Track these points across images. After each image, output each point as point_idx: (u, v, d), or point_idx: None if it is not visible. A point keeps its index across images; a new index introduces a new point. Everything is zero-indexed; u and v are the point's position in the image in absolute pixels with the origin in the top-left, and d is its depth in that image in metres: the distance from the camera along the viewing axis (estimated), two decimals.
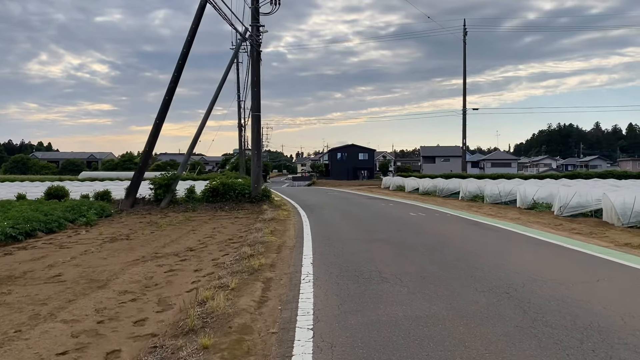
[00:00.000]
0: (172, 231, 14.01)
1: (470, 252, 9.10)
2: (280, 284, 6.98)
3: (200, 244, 11.64)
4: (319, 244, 10.34)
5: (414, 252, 9.20)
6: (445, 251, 9.21)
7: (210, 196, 20.32)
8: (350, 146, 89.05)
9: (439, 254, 8.91)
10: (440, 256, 8.73)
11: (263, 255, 9.02)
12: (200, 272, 8.56)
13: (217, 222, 15.81)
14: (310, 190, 40.66)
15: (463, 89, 43.71)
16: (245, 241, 11.30)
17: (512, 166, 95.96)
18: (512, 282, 6.69)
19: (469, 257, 8.53)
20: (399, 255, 8.90)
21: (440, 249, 9.51)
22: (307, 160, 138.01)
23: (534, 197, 17.91)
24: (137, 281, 8.02)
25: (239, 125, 48.14)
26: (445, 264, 7.99)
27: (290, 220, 15.43)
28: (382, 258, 8.60)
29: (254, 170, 20.54)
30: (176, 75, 20.37)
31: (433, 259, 8.49)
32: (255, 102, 20.17)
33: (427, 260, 8.40)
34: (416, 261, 8.28)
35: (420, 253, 9.05)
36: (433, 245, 9.97)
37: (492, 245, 9.94)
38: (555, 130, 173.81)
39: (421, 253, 9.05)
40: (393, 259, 8.47)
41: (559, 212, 15.24)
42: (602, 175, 36.21)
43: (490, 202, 20.85)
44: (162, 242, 12.07)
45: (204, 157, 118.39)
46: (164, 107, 20.40)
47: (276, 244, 10.46)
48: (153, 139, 20.37)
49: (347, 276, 7.23)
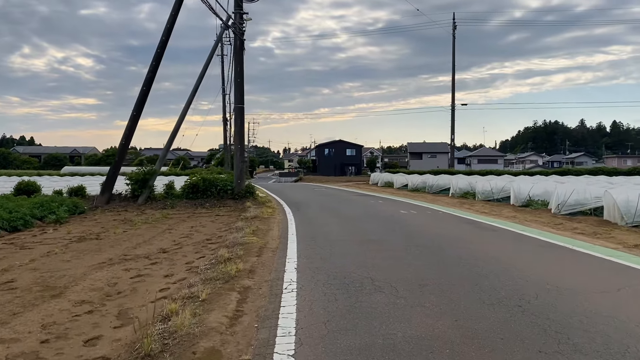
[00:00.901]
0: (146, 230, 13.05)
1: (470, 255, 8.29)
2: (258, 295, 6.09)
3: (174, 245, 10.71)
4: (304, 246, 9.46)
5: (408, 255, 8.36)
6: (443, 254, 8.39)
7: (190, 192, 19.32)
8: (337, 142, 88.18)
9: (437, 258, 8.08)
10: (438, 260, 7.90)
11: (242, 259, 8.12)
12: (171, 278, 7.66)
13: (196, 221, 14.86)
14: (297, 187, 39.77)
15: (452, 84, 43.07)
16: (224, 242, 10.39)
17: (499, 163, 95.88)
18: (523, 292, 5.87)
19: (470, 261, 7.72)
20: (392, 258, 8.05)
21: (437, 251, 8.69)
22: (294, 156, 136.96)
23: (529, 194, 17.20)
24: (98, 288, 7.10)
25: (223, 119, 47.04)
26: (444, 270, 7.16)
27: (274, 218, 14.54)
28: (374, 262, 7.75)
29: (237, 166, 19.57)
30: (154, 65, 19.32)
31: (430, 263, 7.66)
32: (239, 93, 19.19)
33: (424, 264, 7.56)
34: (412, 266, 7.44)
35: (415, 256, 8.21)
36: (429, 246, 9.15)
37: (493, 247, 9.14)
38: (540, 127, 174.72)
39: (416, 256, 8.22)
40: (386, 263, 7.62)
41: (556, 210, 14.53)
42: (592, 172, 35.79)
43: (482, 199, 20.13)
44: (133, 243, 11.12)
45: (189, 152, 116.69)
46: (141, 99, 19.35)
47: (257, 246, 9.56)
48: (130, 132, 19.32)
49: (336, 284, 6.37)
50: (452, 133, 41.62)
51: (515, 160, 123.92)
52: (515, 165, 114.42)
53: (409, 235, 10.70)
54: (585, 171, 36.69)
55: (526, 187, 17.68)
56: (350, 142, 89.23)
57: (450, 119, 41.36)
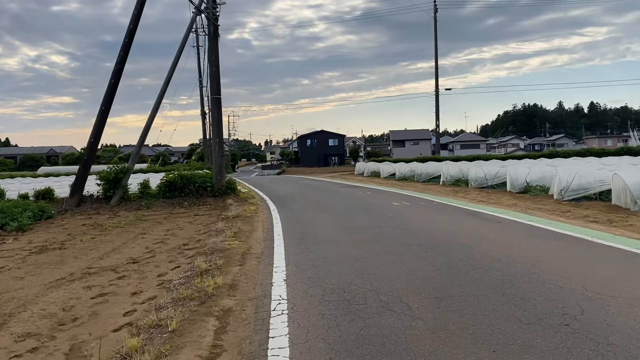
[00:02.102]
0: (117, 235, 11.84)
1: (483, 254, 7.28)
2: (241, 320, 4.99)
3: (147, 253, 9.54)
4: (293, 249, 8.36)
5: (413, 256, 7.31)
6: (452, 254, 7.35)
7: (167, 191, 18.04)
8: (319, 132, 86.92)
9: (445, 259, 7.04)
10: (447, 262, 6.86)
11: (221, 271, 7.00)
12: (139, 297, 6.52)
13: (173, 222, 13.66)
14: (281, 180, 38.57)
15: (435, 67, 42.06)
16: (203, 248, 9.25)
17: (481, 147, 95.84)
18: (562, 303, 4.86)
19: (485, 263, 6.70)
20: (395, 262, 6.99)
21: (443, 250, 7.65)
22: (276, 149, 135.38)
23: (526, 180, 16.30)
24: (50, 315, 5.95)
25: (201, 112, 45.52)
26: (459, 275, 6.12)
27: (258, 216, 13.40)
28: (376, 268, 6.68)
29: (216, 160, 18.33)
30: (122, 56, 17.92)
31: (440, 267, 6.62)
32: (215, 83, 17.90)
33: (433, 268, 6.51)
34: (420, 272, 6.39)
35: (421, 258, 7.16)
36: (433, 245, 8.11)
37: (505, 243, 8.14)
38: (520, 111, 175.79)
39: (422, 258, 7.17)
40: (390, 269, 6.56)
41: (559, 196, 13.63)
42: (580, 153, 35.19)
43: (475, 186, 19.21)
44: (101, 252, 9.93)
45: (169, 147, 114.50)
46: (110, 92, 17.96)
47: (239, 252, 8.43)
48: (99, 129, 17.94)
49: (334, 301, 5.29)
50: (437, 119, 40.73)
51: (497, 144, 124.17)
52: (497, 149, 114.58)
53: (407, 231, 9.66)
54: (572, 153, 36.08)
55: (523, 172, 16.78)
56: (333, 132, 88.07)
57: (435, 104, 40.42)
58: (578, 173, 13.80)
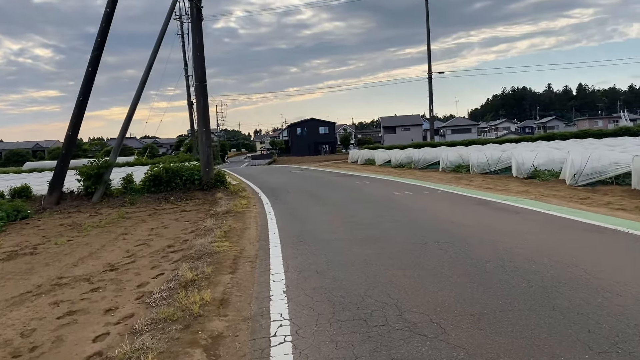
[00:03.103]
0: (96, 237, 10.78)
1: (510, 252, 6.33)
2: (234, 351, 3.99)
3: (127, 257, 8.51)
4: (291, 251, 7.37)
5: (431, 257, 6.35)
6: (476, 253, 6.40)
7: (152, 185, 16.93)
8: (309, 120, 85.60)
9: (470, 261, 6.09)
10: (473, 264, 5.91)
11: (210, 281, 6.00)
12: (114, 315, 5.52)
13: (158, 220, 12.60)
14: (272, 170, 37.48)
15: (427, 51, 40.94)
16: (189, 250, 8.24)
17: (472, 132, 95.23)
18: (635, 320, 3.92)
19: (518, 264, 5.75)
20: (413, 266, 6.03)
21: (465, 248, 6.69)
22: (266, 138, 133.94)
23: (533, 164, 15.39)
24: (5, 342, 4.97)
25: (188, 102, 44.19)
26: (491, 281, 5.17)
27: (250, 211, 12.38)
28: (391, 274, 5.71)
29: (203, 151, 17.23)
30: (100, 41, 16.72)
31: (466, 271, 5.66)
32: (199, 69, 16.75)
33: (458, 273, 5.55)
34: (444, 278, 5.42)
35: (441, 260, 6.20)
36: (451, 242, 7.15)
37: (532, 238, 7.19)
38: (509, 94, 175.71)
39: (443, 259, 6.21)
40: (408, 275, 5.59)
41: (572, 181, 12.74)
42: (578, 135, 34.36)
43: (478, 172, 18.30)
44: (76, 257, 8.89)
45: (157, 139, 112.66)
46: (87, 81, 16.77)
47: (231, 255, 7.42)
48: (77, 121, 16.76)
49: (348, 321, 4.32)
50: (431, 103, 39.64)
51: (488, 128, 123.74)
52: (488, 133, 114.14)
53: (417, 225, 8.70)
54: (570, 135, 35.25)
55: (529, 156, 15.86)
56: (323, 120, 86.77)
57: (428, 88, 39.32)
58: (591, 156, 12.90)
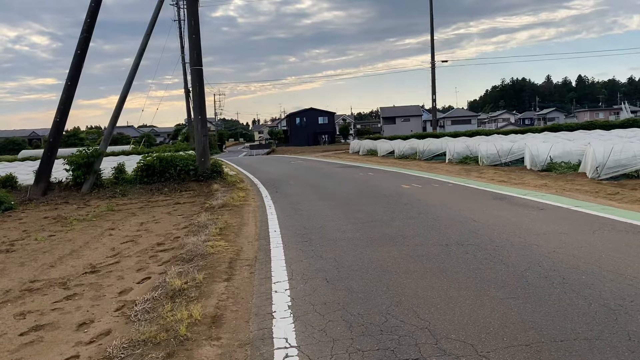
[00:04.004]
0: (81, 232, 9.91)
1: (549, 258, 5.46)
2: None
3: (111, 257, 7.65)
4: (295, 253, 6.49)
5: (458, 263, 5.47)
6: (509, 259, 5.52)
7: (145, 176, 16.00)
8: (308, 110, 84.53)
9: (505, 267, 5.22)
10: (509, 272, 5.04)
11: (201, 291, 5.13)
12: (87, 332, 4.70)
13: (149, 213, 11.72)
14: (271, 160, 36.55)
15: (431, 38, 39.86)
16: (181, 249, 7.37)
17: (472, 123, 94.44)
18: None
19: (563, 273, 4.89)
20: (438, 274, 5.15)
21: (495, 253, 5.82)
22: (264, 127, 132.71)
23: (549, 156, 14.51)
24: None
25: (185, 91, 43.15)
26: (539, 297, 4.29)
27: (248, 205, 11.49)
28: (415, 284, 4.84)
29: (199, 140, 16.29)
30: (89, 22, 15.74)
31: (504, 280, 4.79)
32: (195, 52, 15.78)
33: (497, 285, 4.68)
34: (481, 291, 4.55)
35: (471, 267, 5.32)
36: (476, 244, 6.27)
37: (567, 240, 6.33)
38: (508, 85, 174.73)
39: (473, 266, 5.33)
40: (436, 287, 4.71)
41: (594, 175, 11.88)
42: (585, 126, 33.51)
43: (487, 164, 17.42)
44: (56, 255, 8.03)
45: (154, 128, 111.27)
46: (76, 65, 15.82)
47: (227, 257, 6.54)
48: (65, 107, 15.81)
49: (371, 351, 3.45)
50: (434, 93, 38.58)
51: (488, 119, 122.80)
52: (487, 125, 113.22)
53: (434, 223, 7.82)
54: (576, 126, 34.44)
55: (544, 147, 14.98)
56: (322, 110, 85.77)
57: (431, 77, 38.26)
58: (614, 148, 12.03)
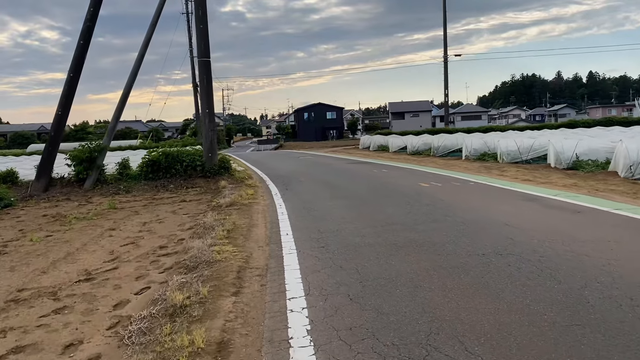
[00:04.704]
0: (79, 232, 9.28)
1: (607, 273, 4.73)
2: None
3: (109, 262, 7.00)
4: (311, 261, 5.79)
5: (501, 278, 4.74)
6: (559, 273, 4.79)
7: (150, 172, 15.37)
8: (317, 105, 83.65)
9: (555, 283, 4.49)
10: (565, 291, 4.30)
11: (205, 308, 4.44)
12: (73, 358, 4.02)
13: (153, 212, 11.08)
14: (279, 155, 35.87)
15: (444, 32, 38.91)
16: (184, 254, 6.70)
17: (483, 118, 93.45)
18: None
19: (628, 291, 4.16)
20: (482, 292, 4.42)
21: (540, 265, 5.08)
22: (272, 122, 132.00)
23: (575, 153, 13.71)
24: None
25: (193, 85, 42.51)
26: (609, 326, 3.56)
27: (257, 204, 10.80)
28: (454, 304, 4.12)
29: (206, 135, 15.63)
30: (93, 11, 15.09)
31: (561, 303, 4.06)
32: (203, 43, 15.08)
33: (555, 309, 3.95)
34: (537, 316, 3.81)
35: (518, 283, 4.59)
36: (517, 253, 5.54)
37: (620, 249, 5.58)
38: (518, 81, 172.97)
39: (519, 282, 4.60)
40: (482, 311, 3.99)
41: (627, 174, 11.10)
42: (602, 122, 32.48)
43: (508, 161, 16.62)
44: (49, 259, 7.40)
45: (163, 123, 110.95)
46: (79, 56, 15.19)
47: (234, 265, 5.86)
48: (67, 100, 15.19)
49: None
50: (446, 87, 37.64)
51: (498, 115, 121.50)
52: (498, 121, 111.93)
53: (464, 228, 7.09)
54: (593, 122, 33.43)
55: (569, 144, 14.17)
56: (330, 105, 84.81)
57: (444, 72, 37.31)
58: None
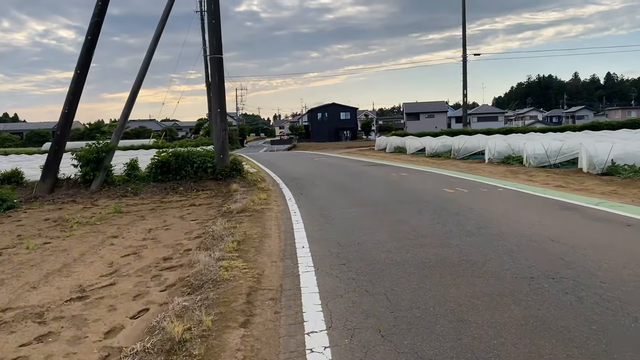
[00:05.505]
0: (79, 239, 8.63)
1: None
2: None
3: (107, 276, 6.32)
4: (332, 283, 5.04)
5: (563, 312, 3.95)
6: (628, 305, 4.00)
7: (160, 173, 14.73)
8: (330, 105, 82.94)
9: (632, 320, 3.70)
10: None
11: (208, 345, 3.71)
12: None
13: (160, 217, 10.42)
14: (292, 156, 35.16)
15: (462, 32, 37.89)
16: (189, 269, 6.00)
17: (499, 120, 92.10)
18: None
19: None
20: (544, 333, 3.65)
21: (602, 292, 4.29)
22: (285, 123, 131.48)
23: (610, 158, 12.80)
24: None
25: (206, 84, 41.87)
26: None
27: (270, 210, 10.08)
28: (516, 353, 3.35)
29: (217, 135, 14.94)
30: (101, 6, 14.49)
31: None
32: (215, 39, 14.41)
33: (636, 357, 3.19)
34: None
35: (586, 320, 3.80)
36: (572, 277, 4.75)
37: None
38: (534, 82, 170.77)
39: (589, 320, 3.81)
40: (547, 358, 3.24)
41: None
42: (626, 124, 31.27)
43: (535, 165, 15.72)
44: (43, 270, 6.76)
45: (177, 122, 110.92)
46: (86, 52, 14.62)
47: (244, 286, 5.12)
48: (74, 97, 14.63)
49: None
50: (465, 88, 36.60)
51: (515, 116, 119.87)
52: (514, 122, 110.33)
53: (505, 244, 6.28)
54: (617, 124, 32.23)
55: (603, 148, 13.25)
56: (344, 105, 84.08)
57: (462, 71, 36.30)
58: None
